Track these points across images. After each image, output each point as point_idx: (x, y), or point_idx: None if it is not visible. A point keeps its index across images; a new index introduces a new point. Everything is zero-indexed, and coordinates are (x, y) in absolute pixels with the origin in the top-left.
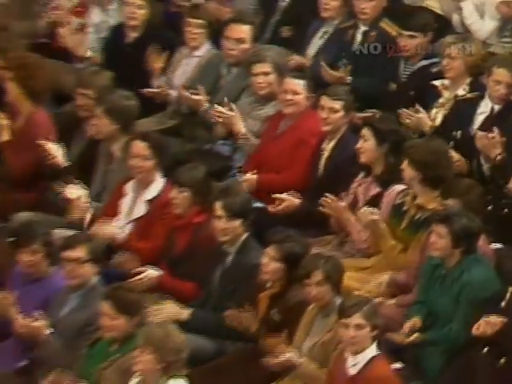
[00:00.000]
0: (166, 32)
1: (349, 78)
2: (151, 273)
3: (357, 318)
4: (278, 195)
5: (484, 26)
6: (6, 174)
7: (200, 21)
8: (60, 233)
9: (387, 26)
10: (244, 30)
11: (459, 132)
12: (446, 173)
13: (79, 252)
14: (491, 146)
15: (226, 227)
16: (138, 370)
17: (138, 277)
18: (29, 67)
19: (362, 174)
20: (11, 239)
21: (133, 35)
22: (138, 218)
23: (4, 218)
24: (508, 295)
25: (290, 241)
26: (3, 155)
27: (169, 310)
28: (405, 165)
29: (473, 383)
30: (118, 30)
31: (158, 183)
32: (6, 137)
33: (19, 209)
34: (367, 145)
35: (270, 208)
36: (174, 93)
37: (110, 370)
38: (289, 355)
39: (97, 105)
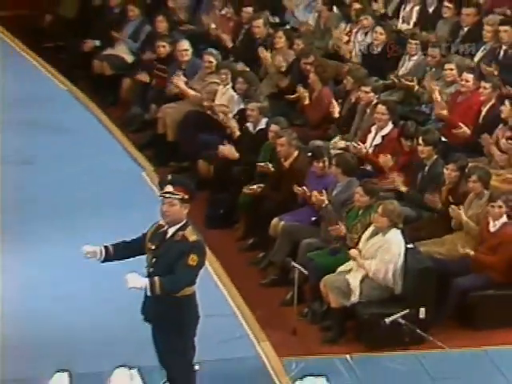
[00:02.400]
0: (396, 47)
1: (496, 73)
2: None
3: (499, 202)
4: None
5: None
6: (306, 122)
7: (417, 41)
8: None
9: None
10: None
11: None
12: None
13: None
14: None
15: (424, 150)
16: (377, 226)
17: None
18: (323, 65)
19: (501, 125)
20: (309, 154)
21: (377, 49)
22: (377, 145)
23: (305, 143)
24: None
25: (461, 160)
26: (304, 112)
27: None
28: None
29: None
30: (369, 45)
31: (389, 126)
32: (307, 101)
33: (313, 139)
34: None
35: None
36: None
37: (358, 225)
38: (462, 215)
39: (361, 85)
